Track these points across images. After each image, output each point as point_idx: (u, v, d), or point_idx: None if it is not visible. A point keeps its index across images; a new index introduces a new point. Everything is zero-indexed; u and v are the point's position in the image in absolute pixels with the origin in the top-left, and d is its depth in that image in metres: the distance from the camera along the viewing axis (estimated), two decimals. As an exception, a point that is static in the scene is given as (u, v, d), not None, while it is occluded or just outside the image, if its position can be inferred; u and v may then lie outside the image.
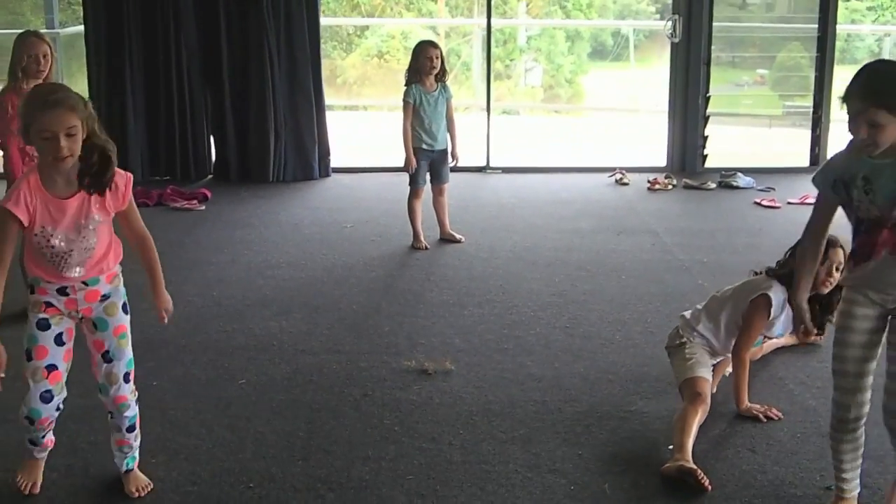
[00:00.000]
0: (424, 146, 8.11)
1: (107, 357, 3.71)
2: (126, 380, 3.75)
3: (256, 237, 8.66)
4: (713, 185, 11.24)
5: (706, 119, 12.16)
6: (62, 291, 3.60)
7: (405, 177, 8.31)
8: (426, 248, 8.16)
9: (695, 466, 4.04)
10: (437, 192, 8.35)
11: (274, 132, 11.35)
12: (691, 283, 7.16)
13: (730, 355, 4.76)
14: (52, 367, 3.62)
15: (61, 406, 3.77)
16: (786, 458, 4.36)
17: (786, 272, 4.48)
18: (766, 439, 4.55)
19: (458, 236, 8.40)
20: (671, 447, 4.28)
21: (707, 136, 12.24)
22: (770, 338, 5.17)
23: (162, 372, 5.37)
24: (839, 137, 13.18)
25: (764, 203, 10.22)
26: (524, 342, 5.86)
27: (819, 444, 4.38)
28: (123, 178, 3.61)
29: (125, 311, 3.80)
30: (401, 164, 8.26)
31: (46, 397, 3.63)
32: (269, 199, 10.47)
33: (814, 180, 3.57)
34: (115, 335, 3.73)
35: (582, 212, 9.75)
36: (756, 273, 4.88)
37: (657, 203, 10.44)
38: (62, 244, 3.48)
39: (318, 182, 11.49)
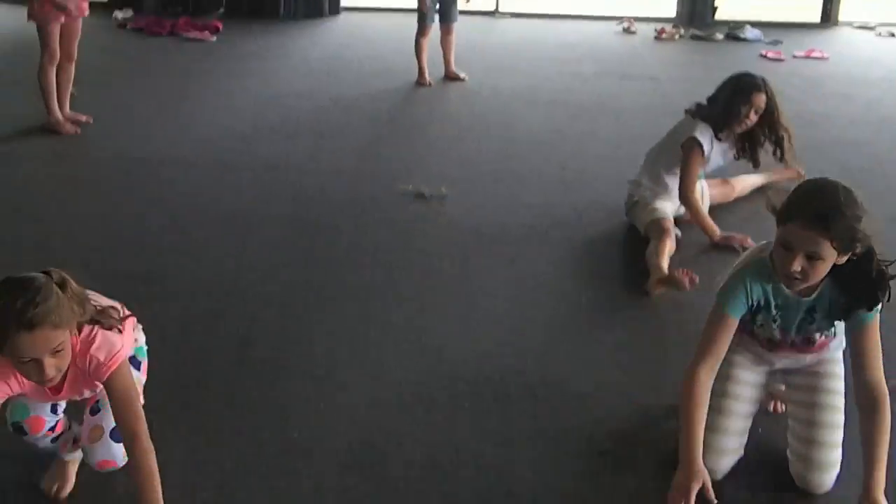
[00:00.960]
0: None
1: (93, 409, 2.83)
2: (114, 437, 2.76)
3: (266, 68, 8.86)
4: (720, 37, 11.31)
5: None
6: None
7: (414, 17, 8.43)
8: (430, 84, 8.34)
9: (672, 272, 4.30)
10: (445, 31, 8.47)
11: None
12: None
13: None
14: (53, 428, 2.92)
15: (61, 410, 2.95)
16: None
17: (709, 112, 4.85)
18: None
19: (461, 75, 8.57)
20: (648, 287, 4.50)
21: (718, -12, 12.27)
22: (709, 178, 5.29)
23: (173, 186, 5.66)
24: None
25: (769, 55, 10.31)
26: (518, 174, 6.09)
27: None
28: (100, 368, 2.58)
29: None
30: (408, 4, 8.38)
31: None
32: (279, 34, 10.60)
33: (722, 300, 2.92)
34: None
35: (586, 56, 9.88)
36: (686, 111, 5.03)
37: (663, 52, 10.55)
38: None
39: (328, 19, 11.61)
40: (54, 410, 2.86)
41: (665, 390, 3.51)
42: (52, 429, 2.88)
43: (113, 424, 2.68)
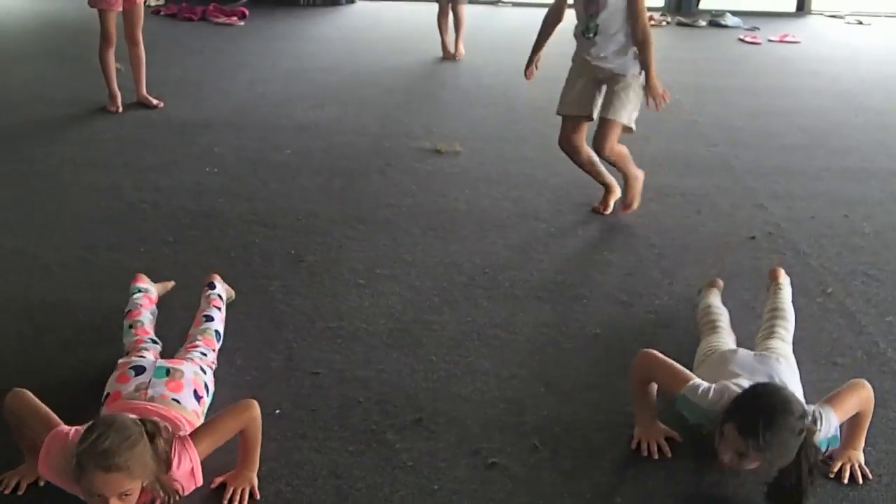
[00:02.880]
0: None
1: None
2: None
3: (292, 48, 9.53)
4: (703, 24, 11.94)
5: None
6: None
7: (425, 6, 9.14)
8: (453, 57, 9.08)
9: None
10: (452, 8, 9.15)
11: (305, -41, 12.05)
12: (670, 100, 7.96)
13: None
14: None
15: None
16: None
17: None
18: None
19: (461, 51, 9.25)
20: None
21: (702, -21, 12.87)
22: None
23: (222, 142, 6.30)
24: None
25: (747, 39, 10.93)
26: (521, 134, 6.73)
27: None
28: (189, 466, 2.66)
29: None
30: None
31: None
32: (302, 19, 11.26)
33: (677, 404, 3.01)
34: None
35: (581, 39, 10.49)
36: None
37: (650, 36, 11.15)
38: None
39: (345, 7, 12.28)
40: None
41: (649, 291, 4.16)
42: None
43: None
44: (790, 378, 3.14)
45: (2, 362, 3.50)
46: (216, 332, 3.43)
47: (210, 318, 3.48)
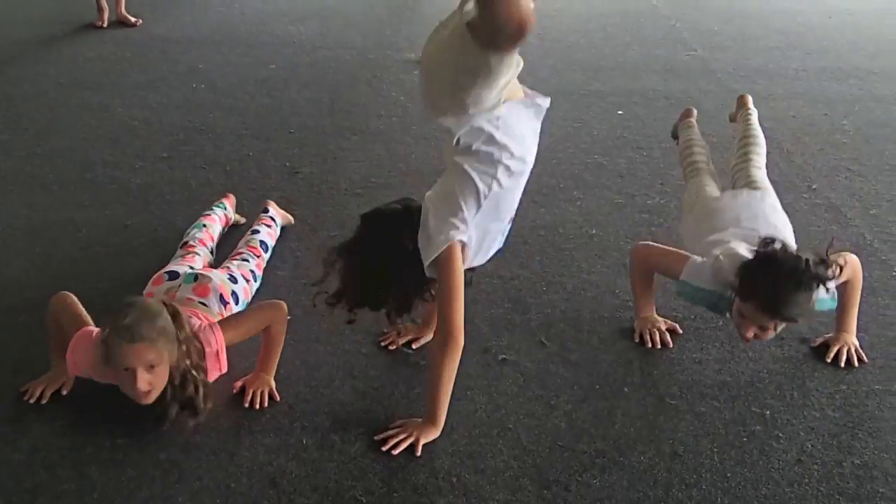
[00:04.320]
0: None
1: None
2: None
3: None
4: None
5: None
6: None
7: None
8: None
9: None
10: None
11: None
12: (646, 4, 7.99)
13: None
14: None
15: None
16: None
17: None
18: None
19: None
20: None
21: None
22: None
23: (206, 58, 6.24)
24: None
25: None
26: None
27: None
28: (214, 347, 2.76)
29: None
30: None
31: None
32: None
33: (676, 289, 3.05)
34: None
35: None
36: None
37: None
38: None
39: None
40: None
41: (641, 192, 4.21)
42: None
43: None
44: (779, 219, 3.18)
45: (12, 279, 3.51)
46: (261, 242, 3.52)
47: (256, 231, 3.57)
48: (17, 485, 2.49)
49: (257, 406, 2.82)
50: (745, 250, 2.86)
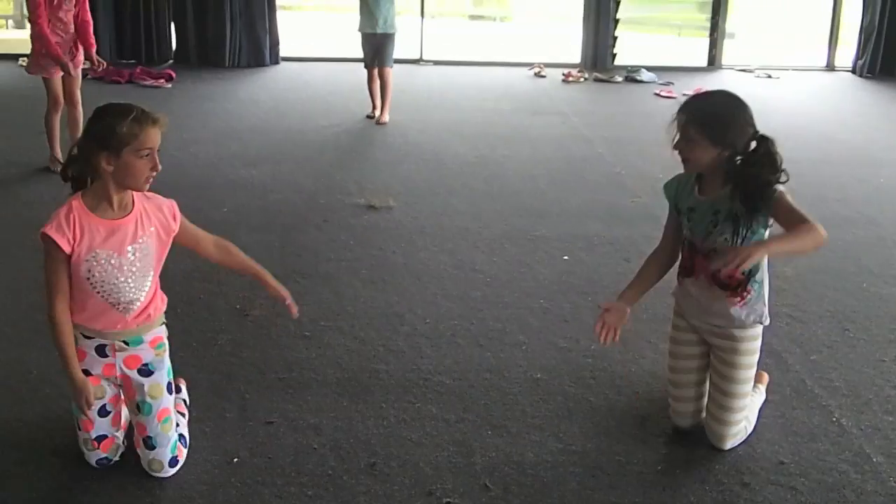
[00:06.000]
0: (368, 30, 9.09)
1: (149, 443, 3.16)
2: (172, 464, 3.20)
3: (220, 109, 9.63)
4: (620, 79, 12.33)
5: (616, 22, 13.21)
6: (100, 352, 3.13)
7: (349, 66, 9.33)
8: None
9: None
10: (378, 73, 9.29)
11: (230, 20, 12.20)
12: (591, 151, 8.26)
13: None
14: (101, 437, 3.20)
15: (123, 445, 3.31)
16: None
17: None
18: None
19: (384, 118, 9.31)
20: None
21: (616, 37, 13.31)
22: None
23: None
24: (734, 43, 14.44)
25: (662, 94, 11.33)
26: (451, 188, 6.91)
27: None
28: (168, 205, 3.31)
29: (170, 392, 3.24)
30: (341, 55, 9.29)
31: (102, 462, 3.23)
32: (228, 80, 11.38)
33: (665, 192, 3.53)
34: (158, 420, 3.16)
35: (503, 97, 10.83)
36: None
37: (569, 92, 11.52)
38: (109, 271, 3.03)
39: (270, 68, 12.46)
40: (103, 413, 3.17)
41: (586, 336, 4.32)
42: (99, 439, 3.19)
43: (170, 455, 3.16)
44: None
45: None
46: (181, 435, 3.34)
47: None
48: None
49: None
50: None
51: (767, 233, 3.25)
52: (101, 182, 3.01)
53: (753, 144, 3.17)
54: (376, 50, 9.12)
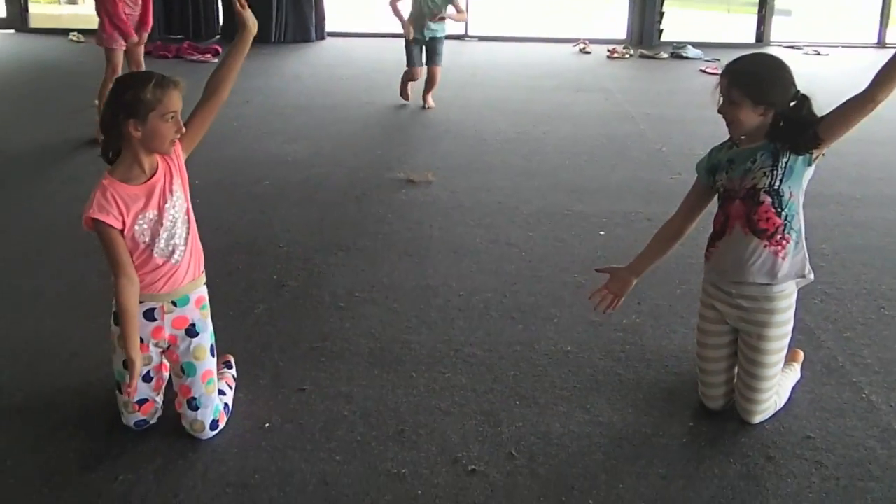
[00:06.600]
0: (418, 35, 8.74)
1: (193, 404, 3.27)
2: (213, 427, 3.31)
3: (264, 85, 9.74)
4: (665, 56, 12.27)
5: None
6: (149, 316, 3.22)
7: (394, 42, 9.35)
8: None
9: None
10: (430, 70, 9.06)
11: (276, -3, 12.31)
12: (634, 128, 8.25)
13: None
14: (143, 401, 3.30)
15: (160, 409, 3.41)
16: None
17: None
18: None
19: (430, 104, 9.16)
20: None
21: (663, 13, 13.23)
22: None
23: (203, 175, 6.41)
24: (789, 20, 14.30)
25: (708, 70, 11.26)
26: (490, 164, 6.96)
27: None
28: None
29: (212, 355, 3.36)
30: (386, 30, 9.25)
31: (141, 424, 3.34)
32: (273, 56, 11.47)
33: (697, 167, 3.53)
34: (203, 381, 3.29)
35: (547, 73, 10.83)
36: None
37: (614, 69, 11.49)
38: (155, 228, 3.17)
39: (315, 44, 12.53)
40: (147, 379, 3.28)
41: (618, 311, 4.36)
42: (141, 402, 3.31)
43: (212, 417, 3.29)
44: None
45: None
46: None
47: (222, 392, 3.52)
48: None
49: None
50: None
51: (811, 170, 3.26)
52: (130, 150, 3.12)
53: (794, 104, 3.19)
54: (430, 51, 8.83)
